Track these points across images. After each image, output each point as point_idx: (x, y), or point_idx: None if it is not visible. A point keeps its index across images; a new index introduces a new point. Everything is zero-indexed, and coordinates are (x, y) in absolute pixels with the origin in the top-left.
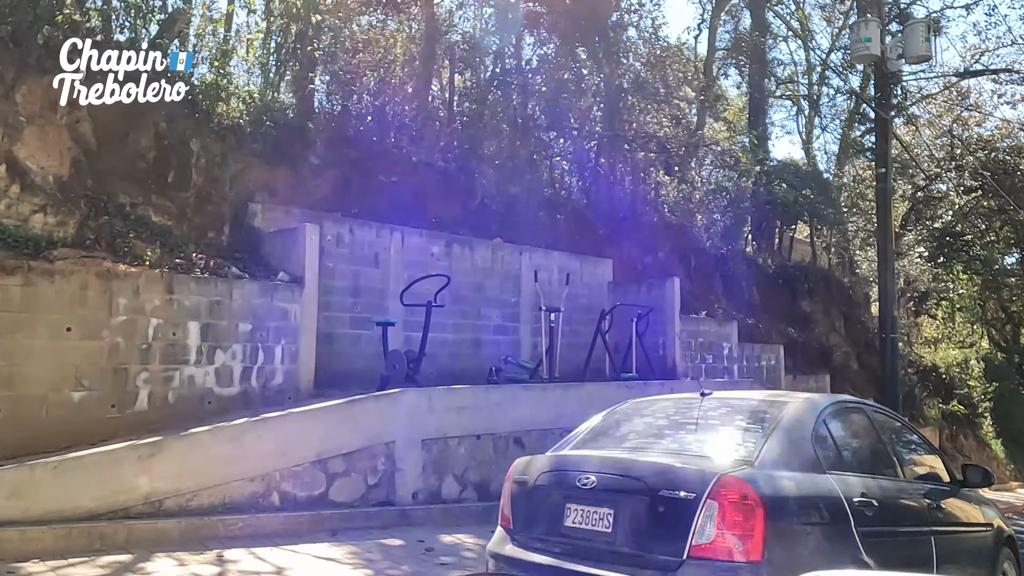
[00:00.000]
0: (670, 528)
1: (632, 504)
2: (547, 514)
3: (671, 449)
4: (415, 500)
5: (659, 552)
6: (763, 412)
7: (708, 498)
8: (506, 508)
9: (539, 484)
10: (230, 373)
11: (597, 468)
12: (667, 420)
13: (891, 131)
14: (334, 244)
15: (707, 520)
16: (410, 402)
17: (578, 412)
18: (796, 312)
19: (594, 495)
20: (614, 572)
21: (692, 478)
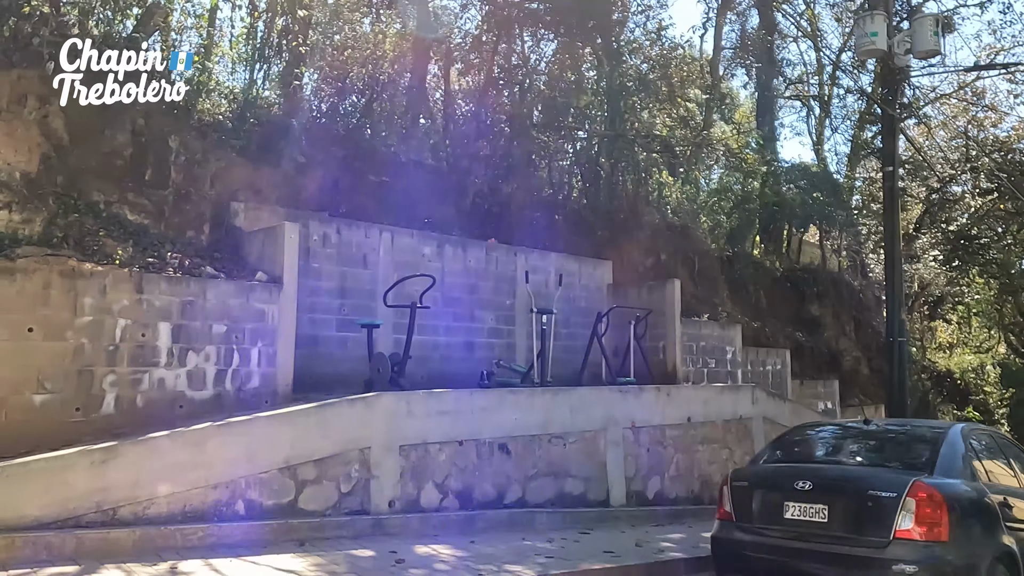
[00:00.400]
0: (878, 518)
1: (844, 501)
2: (768, 509)
3: (868, 462)
4: (391, 509)
5: (870, 535)
6: (924, 435)
7: (907, 496)
8: (727, 506)
9: (758, 488)
10: (203, 376)
11: (812, 476)
12: (845, 441)
13: (898, 129)
14: (320, 244)
15: (907, 512)
16: (387, 406)
17: (568, 418)
18: (804, 316)
19: (810, 495)
20: (832, 547)
21: (893, 483)
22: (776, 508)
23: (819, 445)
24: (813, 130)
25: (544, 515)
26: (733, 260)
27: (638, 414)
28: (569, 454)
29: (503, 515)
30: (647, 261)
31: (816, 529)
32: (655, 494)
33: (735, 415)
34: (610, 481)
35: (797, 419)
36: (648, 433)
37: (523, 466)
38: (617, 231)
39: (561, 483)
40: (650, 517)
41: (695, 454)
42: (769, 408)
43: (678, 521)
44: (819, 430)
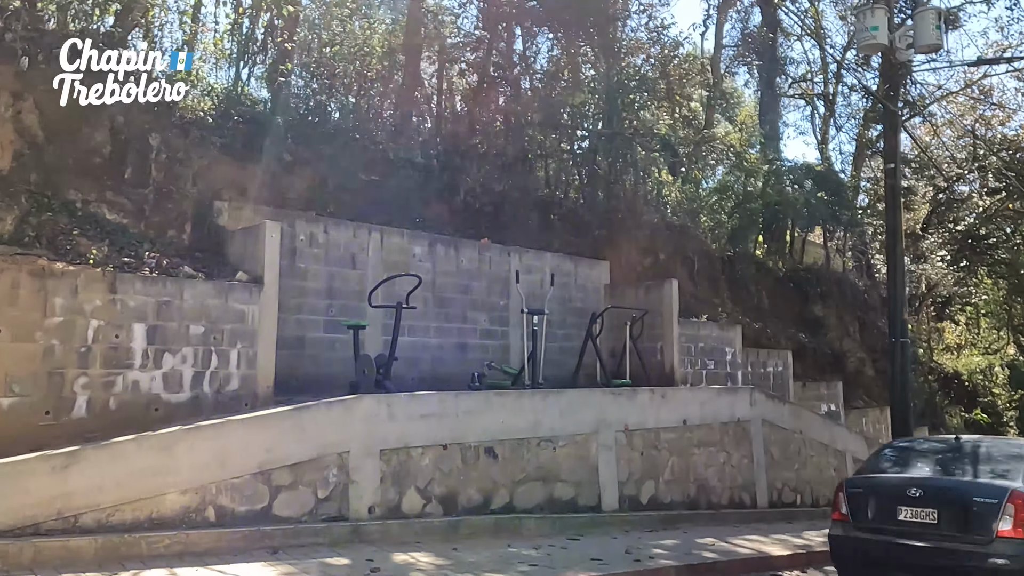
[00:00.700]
0: (981, 520)
1: (952, 506)
2: (883, 512)
3: (967, 472)
4: (371, 515)
5: (975, 534)
6: (1013, 451)
7: (1007, 502)
8: (842, 508)
9: (873, 494)
10: (179, 378)
11: (923, 485)
12: (941, 455)
13: (900, 125)
14: (307, 244)
15: (1007, 515)
16: (367, 409)
17: (558, 420)
18: (807, 317)
19: (921, 501)
20: (943, 544)
21: (993, 491)
22: (890, 511)
23: (920, 457)
24: (818, 129)
25: (532, 521)
26: (734, 260)
27: (631, 417)
28: (559, 458)
29: (489, 521)
30: (645, 261)
31: (927, 529)
32: (649, 499)
33: (732, 417)
34: (602, 485)
35: (797, 422)
36: (642, 436)
37: (511, 470)
38: (615, 231)
39: (551, 488)
40: (643, 522)
41: (691, 457)
42: (768, 410)
43: (673, 527)
44: (916, 444)
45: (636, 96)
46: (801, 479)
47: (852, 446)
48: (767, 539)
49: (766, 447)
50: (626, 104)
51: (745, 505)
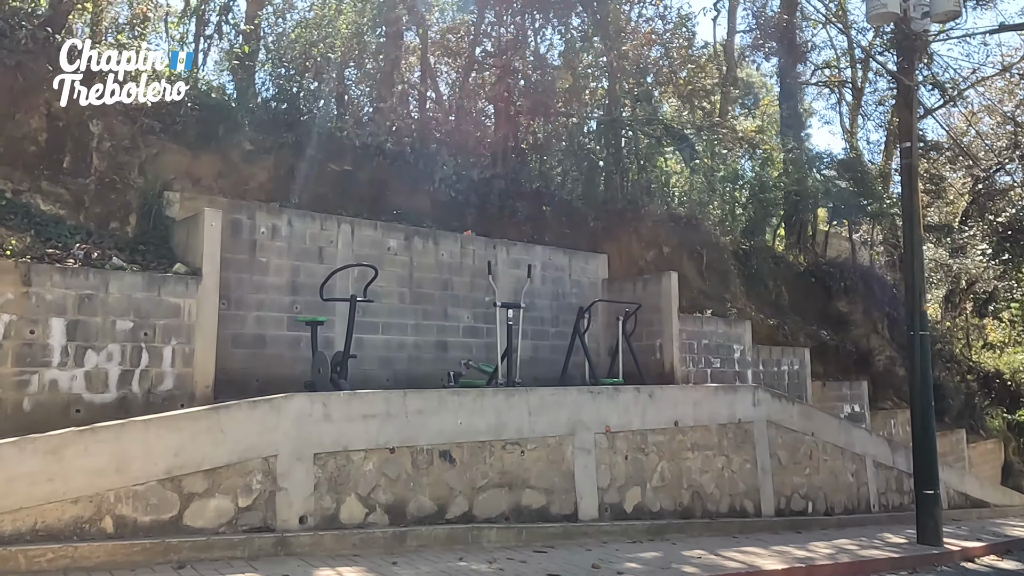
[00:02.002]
0: None
1: None
2: None
3: None
4: (303, 525)
5: None
6: None
7: None
8: None
9: None
10: (104, 377)
11: None
12: None
13: (916, 100)
14: (269, 237)
15: None
16: (298, 409)
17: (527, 421)
18: (830, 313)
19: None
20: None
21: None
22: None
23: None
24: (845, 117)
25: (494, 531)
26: (749, 254)
27: (613, 418)
28: (527, 462)
29: (442, 532)
30: (648, 255)
31: None
32: (635, 507)
33: (732, 418)
34: (579, 492)
35: (809, 423)
36: (626, 439)
37: (470, 476)
38: (614, 223)
39: (517, 495)
40: (627, 533)
41: (684, 462)
42: (774, 411)
43: (660, 537)
44: None
45: (638, 81)
46: (813, 485)
47: (873, 450)
48: (765, 551)
49: (772, 450)
50: (625, 90)
51: (748, 513)
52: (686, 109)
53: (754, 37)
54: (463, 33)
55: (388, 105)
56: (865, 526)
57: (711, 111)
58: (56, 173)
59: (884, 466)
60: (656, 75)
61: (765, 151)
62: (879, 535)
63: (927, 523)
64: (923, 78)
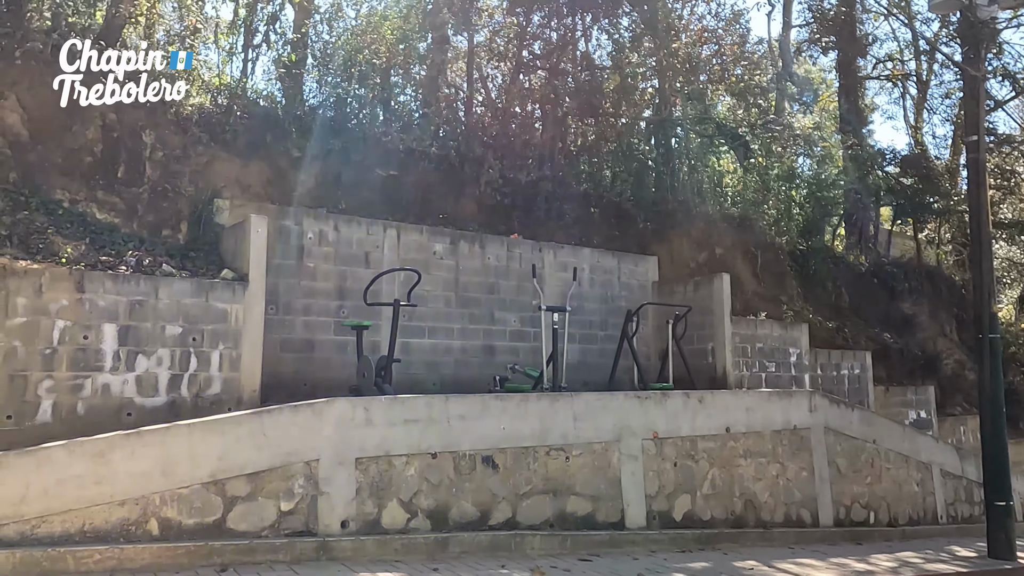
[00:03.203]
0: None
1: None
2: None
3: None
4: (345, 529)
5: None
6: None
7: None
8: None
9: None
10: (154, 381)
11: None
12: None
13: (983, 91)
14: (316, 242)
15: None
16: (340, 413)
17: (571, 427)
18: (894, 315)
19: None
20: None
21: None
22: None
23: None
24: (910, 112)
25: (537, 538)
26: (807, 254)
27: (661, 424)
28: (572, 469)
29: (485, 538)
30: (699, 256)
31: None
32: (684, 515)
33: (787, 424)
34: (625, 500)
35: (870, 429)
36: (675, 445)
37: (513, 482)
38: (664, 224)
39: (562, 502)
40: (676, 542)
41: (736, 469)
42: (832, 417)
43: (711, 546)
44: None
45: (688, 79)
46: (875, 495)
47: (940, 458)
48: (822, 563)
49: (830, 458)
50: (676, 89)
51: (804, 523)
52: (740, 107)
53: (811, 31)
54: (510, 36)
55: (433, 110)
56: (931, 538)
57: (766, 108)
58: (111, 183)
59: (952, 475)
60: (708, 73)
61: (823, 148)
62: (946, 548)
63: (998, 536)
64: (992, 69)
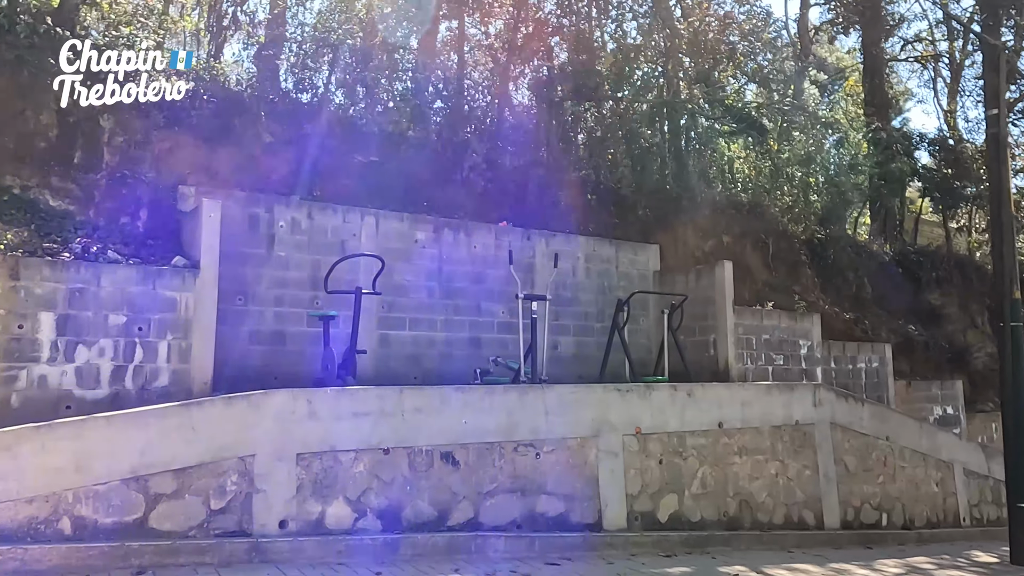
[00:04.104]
0: None
1: None
2: None
3: None
4: (283, 530)
5: None
6: None
7: None
8: None
9: None
10: (96, 373)
11: None
12: None
13: (1003, 60)
14: (288, 231)
15: None
16: (280, 406)
17: (543, 422)
18: (920, 306)
19: None
20: None
21: None
22: None
23: None
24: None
25: (502, 540)
26: (826, 243)
27: (646, 418)
28: (543, 466)
29: (441, 540)
30: (705, 245)
31: None
32: (670, 516)
33: (789, 420)
34: (603, 500)
35: (883, 426)
36: (660, 441)
37: (476, 480)
38: (668, 211)
39: (531, 501)
40: (660, 545)
41: (729, 467)
42: (840, 412)
43: (701, 550)
44: None
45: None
46: (888, 495)
47: (963, 456)
48: (819, 569)
49: (837, 456)
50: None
51: (807, 525)
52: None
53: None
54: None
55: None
56: (953, 542)
57: (782, 91)
58: (67, 169)
59: (977, 475)
60: (715, 53)
61: (842, 132)
62: (965, 553)
63: (1022, 540)
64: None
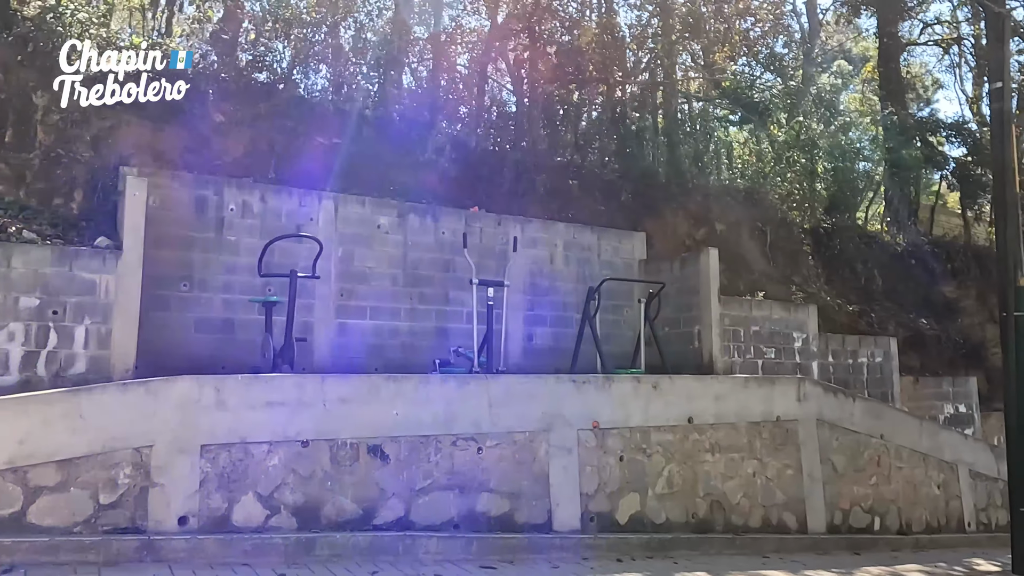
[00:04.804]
0: None
1: None
2: None
3: None
4: (184, 526)
5: None
6: None
7: None
8: None
9: None
10: (4, 358)
11: None
12: None
13: (1008, 29)
14: (238, 214)
15: None
16: (183, 394)
17: (486, 414)
18: (935, 299)
19: None
20: None
21: None
22: None
23: None
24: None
25: (434, 541)
26: (832, 233)
27: (605, 412)
28: (486, 462)
29: (363, 539)
30: (697, 233)
31: None
32: (631, 517)
33: (769, 415)
34: (554, 498)
35: (876, 423)
36: (621, 437)
37: (408, 476)
38: (657, 198)
39: (471, 499)
40: (616, 547)
41: (700, 466)
42: (827, 407)
43: (663, 554)
44: None
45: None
46: (882, 497)
47: (970, 456)
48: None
49: (824, 454)
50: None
51: (788, 529)
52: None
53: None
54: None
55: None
56: (955, 548)
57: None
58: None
59: (985, 477)
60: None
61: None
62: (965, 561)
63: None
64: None
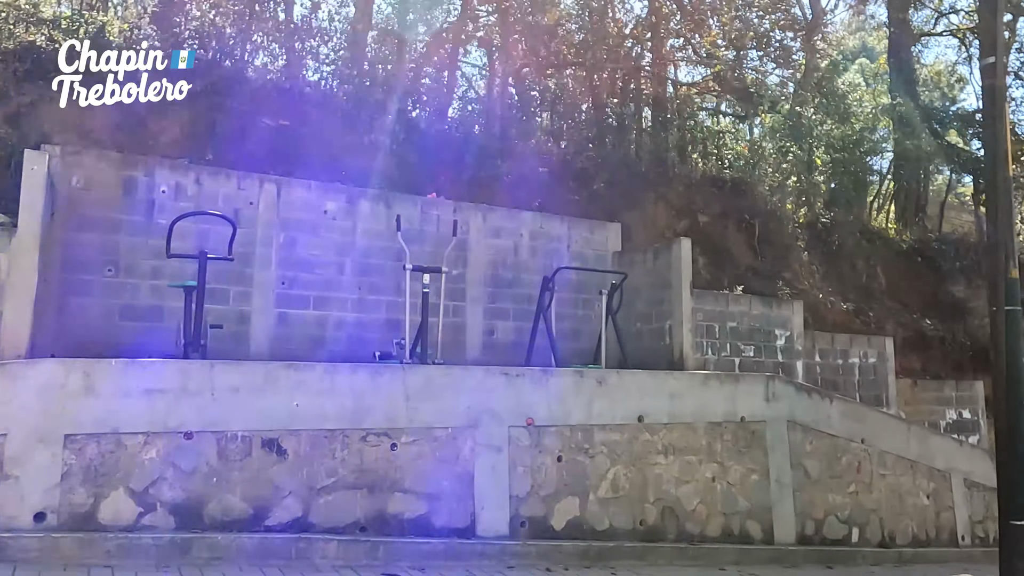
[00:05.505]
0: None
1: None
2: None
3: None
4: (39, 523)
5: None
6: None
7: None
8: None
9: None
10: None
11: None
12: None
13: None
14: (171, 197)
15: None
16: (45, 379)
17: (403, 407)
18: (942, 298)
19: None
20: None
21: None
22: None
23: None
24: None
25: (334, 545)
26: (831, 227)
27: (541, 408)
28: (401, 460)
29: (251, 541)
30: (678, 225)
31: None
32: (568, 523)
33: (732, 416)
34: (479, 501)
35: (856, 426)
36: (560, 435)
37: (308, 473)
38: (636, 188)
39: (381, 500)
40: (547, 556)
41: (651, 468)
42: (800, 408)
43: (602, 563)
44: None
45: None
46: (861, 507)
47: (964, 465)
48: None
49: (795, 459)
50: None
51: (752, 539)
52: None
53: None
54: None
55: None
56: (944, 563)
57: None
58: None
59: (981, 487)
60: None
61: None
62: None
63: (1016, 565)
64: None
